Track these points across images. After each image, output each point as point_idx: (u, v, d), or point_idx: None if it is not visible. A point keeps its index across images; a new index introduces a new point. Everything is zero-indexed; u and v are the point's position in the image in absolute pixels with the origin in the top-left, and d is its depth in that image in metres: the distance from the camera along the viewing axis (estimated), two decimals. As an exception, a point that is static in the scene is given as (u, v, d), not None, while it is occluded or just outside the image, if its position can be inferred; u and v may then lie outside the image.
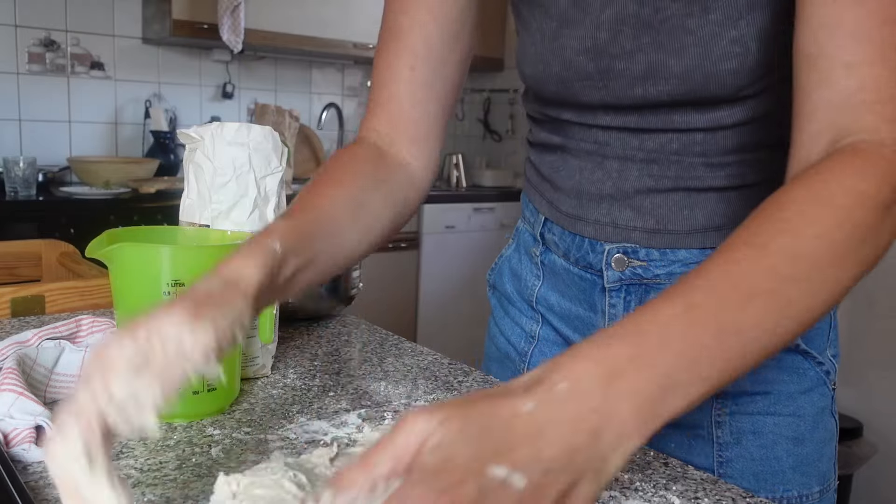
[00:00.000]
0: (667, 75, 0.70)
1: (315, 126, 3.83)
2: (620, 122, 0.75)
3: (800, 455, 0.79)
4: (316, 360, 0.91)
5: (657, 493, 0.60)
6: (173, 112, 3.44)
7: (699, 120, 0.72)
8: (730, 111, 0.71)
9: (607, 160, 0.78)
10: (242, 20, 3.13)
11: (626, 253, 0.78)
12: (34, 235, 2.53)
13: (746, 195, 0.75)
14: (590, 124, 0.78)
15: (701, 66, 0.67)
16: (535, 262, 0.89)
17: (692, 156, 0.74)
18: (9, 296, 1.01)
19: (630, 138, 0.76)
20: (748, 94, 0.70)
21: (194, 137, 0.78)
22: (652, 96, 0.72)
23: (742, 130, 0.72)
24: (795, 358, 0.79)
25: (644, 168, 0.76)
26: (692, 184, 0.75)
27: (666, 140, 0.74)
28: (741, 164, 0.73)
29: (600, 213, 0.79)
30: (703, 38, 0.66)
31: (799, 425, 0.79)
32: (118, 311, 0.70)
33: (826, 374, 0.80)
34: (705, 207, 0.75)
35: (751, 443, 0.78)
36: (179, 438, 0.67)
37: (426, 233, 3.49)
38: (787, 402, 0.78)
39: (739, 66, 0.67)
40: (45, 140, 3.14)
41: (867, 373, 2.76)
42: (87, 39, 3.20)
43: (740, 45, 0.66)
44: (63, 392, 0.74)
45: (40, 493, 0.56)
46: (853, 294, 1.99)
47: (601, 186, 0.79)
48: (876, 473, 2.70)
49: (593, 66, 0.73)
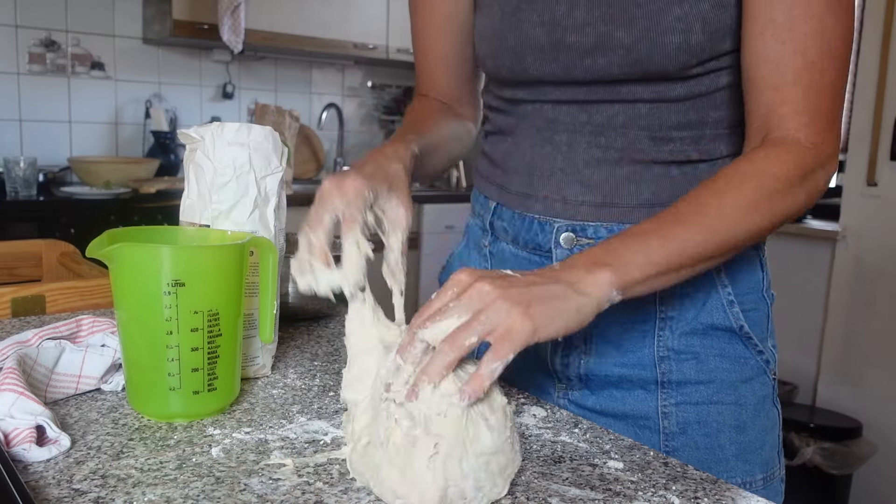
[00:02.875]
0: (614, 46, 0.77)
1: (315, 126, 3.83)
2: (569, 95, 0.82)
3: (742, 443, 0.83)
4: (316, 360, 0.91)
5: (657, 492, 0.61)
6: (173, 112, 3.44)
7: (644, 92, 0.79)
8: (673, 86, 0.78)
9: (557, 134, 0.84)
10: (243, 20, 3.13)
11: (575, 231, 0.83)
12: (34, 235, 2.53)
13: (689, 172, 0.81)
14: (541, 100, 0.85)
15: (647, 36, 0.75)
16: (484, 254, 0.93)
17: (637, 129, 0.80)
18: (9, 296, 1.02)
19: (578, 112, 0.82)
20: (691, 74, 0.77)
21: (194, 137, 0.78)
22: (600, 67, 0.78)
23: (684, 107, 0.79)
24: (737, 346, 0.83)
25: (592, 140, 0.82)
26: (638, 156, 0.81)
27: (613, 112, 0.81)
28: (683, 140, 0.80)
29: (550, 188, 0.84)
30: (651, 11, 0.75)
31: (741, 413, 0.83)
32: (118, 311, 0.70)
33: (766, 364, 0.84)
34: (651, 182, 0.81)
35: (696, 432, 0.82)
36: (179, 438, 0.67)
37: (426, 233, 3.49)
38: (729, 390, 0.82)
39: (683, 41, 0.75)
40: (46, 140, 3.15)
41: (867, 373, 2.76)
42: (88, 40, 3.20)
43: (684, 23, 0.74)
44: (63, 392, 0.74)
45: (40, 493, 0.56)
46: (853, 294, 2.01)
47: (552, 162, 0.85)
48: (876, 473, 2.70)
49: (546, 38, 0.80)
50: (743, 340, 0.83)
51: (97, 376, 0.76)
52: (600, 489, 0.61)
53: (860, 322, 2.77)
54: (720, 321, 0.82)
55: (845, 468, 2.61)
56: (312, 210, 0.70)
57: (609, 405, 0.85)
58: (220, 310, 0.69)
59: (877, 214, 2.73)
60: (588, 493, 0.60)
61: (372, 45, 3.64)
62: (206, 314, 0.68)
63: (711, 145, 0.81)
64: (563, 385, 0.87)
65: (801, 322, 2.91)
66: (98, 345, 0.79)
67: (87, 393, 0.76)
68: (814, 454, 2.58)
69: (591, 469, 0.64)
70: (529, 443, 0.69)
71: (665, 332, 0.82)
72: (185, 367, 0.68)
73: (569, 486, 0.61)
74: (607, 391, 0.85)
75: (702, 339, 0.82)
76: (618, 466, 0.65)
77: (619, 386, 0.84)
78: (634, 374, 0.83)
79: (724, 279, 0.82)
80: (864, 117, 2.77)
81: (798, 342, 2.92)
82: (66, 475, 0.59)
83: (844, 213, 2.83)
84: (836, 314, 2.84)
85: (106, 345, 0.79)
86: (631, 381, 0.83)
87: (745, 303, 0.83)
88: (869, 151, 2.72)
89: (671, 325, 0.82)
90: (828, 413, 2.78)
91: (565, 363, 0.86)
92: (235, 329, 0.72)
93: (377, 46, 3.66)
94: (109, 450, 0.64)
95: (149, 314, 0.67)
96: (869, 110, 2.74)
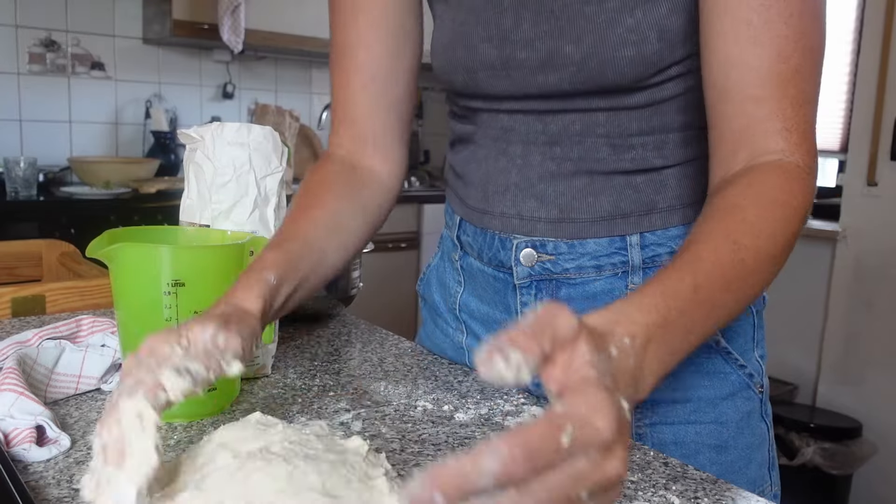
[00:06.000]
0: (565, 62, 0.71)
1: (315, 126, 3.83)
2: (524, 105, 0.77)
3: (724, 463, 0.78)
4: (316, 360, 0.91)
5: (657, 492, 0.60)
6: (174, 112, 3.44)
7: (601, 102, 0.73)
8: (631, 95, 0.72)
9: (511, 145, 0.79)
10: (243, 20, 3.13)
11: (535, 247, 0.79)
12: (34, 235, 2.53)
13: (654, 180, 0.75)
14: (496, 109, 0.79)
15: (597, 52, 0.69)
16: (456, 268, 0.89)
17: (595, 136, 0.75)
18: (9, 296, 1.02)
19: (534, 122, 0.77)
20: (650, 84, 0.71)
21: (195, 137, 0.78)
22: (552, 83, 0.73)
23: (644, 113, 0.73)
24: (716, 361, 0.78)
25: (547, 151, 0.77)
26: (596, 167, 0.76)
27: (569, 121, 0.75)
28: (645, 146, 0.75)
29: (505, 204, 0.80)
30: (599, 24, 0.69)
31: (721, 432, 0.78)
32: (118, 311, 0.70)
33: (749, 378, 0.79)
34: (611, 194, 0.76)
35: (673, 453, 0.76)
36: (179, 438, 0.67)
37: (426, 233, 3.49)
38: (707, 409, 0.78)
39: (636, 54, 0.69)
40: (46, 140, 3.14)
41: (867, 373, 2.76)
42: (88, 40, 3.20)
43: (637, 34, 0.68)
44: (63, 392, 0.74)
45: (40, 493, 0.56)
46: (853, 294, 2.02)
47: (507, 176, 0.80)
48: (875, 473, 2.70)
49: (496, 53, 0.75)
50: (722, 355, 0.78)
51: (97, 376, 0.76)
52: (600, 489, 0.60)
53: (860, 322, 2.77)
54: None
55: (845, 468, 2.61)
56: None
57: None
58: (220, 310, 0.69)
59: (877, 214, 2.73)
60: (588, 493, 0.60)
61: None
62: (206, 314, 0.68)
63: (677, 150, 0.75)
64: (539, 407, 0.85)
65: (801, 322, 2.91)
66: (98, 345, 0.79)
67: (87, 393, 0.76)
68: (814, 454, 2.58)
69: (591, 469, 0.64)
70: (529, 443, 0.69)
71: None
72: (185, 367, 0.68)
73: (569, 486, 0.61)
74: None
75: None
76: (618, 466, 0.65)
77: None
78: None
79: None
80: (864, 117, 2.77)
81: (798, 342, 2.92)
82: (66, 475, 0.59)
83: (844, 213, 2.83)
84: (836, 314, 2.84)
85: (106, 345, 0.79)
86: None
87: None
88: (869, 151, 2.72)
89: None
90: (828, 413, 2.78)
91: (536, 382, 0.82)
92: (235, 329, 0.72)
93: (377, 46, 3.65)
94: (109, 450, 0.64)
95: (149, 314, 0.67)
96: (869, 110, 2.75)
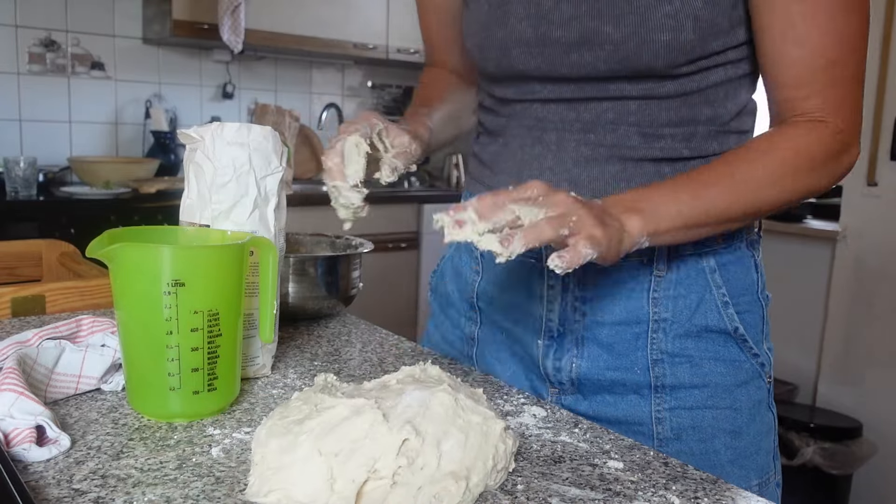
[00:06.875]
0: (602, 41, 0.76)
1: (315, 126, 3.83)
2: (557, 93, 0.82)
3: (737, 448, 0.82)
4: (316, 360, 0.91)
5: (657, 492, 0.61)
6: (173, 112, 3.44)
7: (632, 89, 0.78)
8: (662, 83, 0.77)
9: (546, 133, 0.84)
10: (243, 20, 3.13)
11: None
12: (34, 235, 2.53)
13: (681, 170, 0.80)
14: (530, 99, 0.84)
15: (636, 33, 0.74)
16: (475, 257, 0.93)
17: (627, 125, 0.80)
18: (9, 296, 1.01)
19: (567, 111, 0.82)
20: (681, 73, 0.77)
21: (194, 137, 0.78)
22: (587, 62, 0.78)
23: (675, 104, 0.78)
24: (732, 349, 0.82)
25: (581, 137, 0.82)
26: (628, 153, 0.80)
27: (602, 109, 0.81)
28: (674, 137, 0.80)
29: None
30: (639, 7, 0.74)
31: (736, 418, 0.82)
32: (118, 311, 0.70)
33: (761, 367, 0.84)
34: (641, 180, 0.80)
35: (690, 437, 0.81)
36: (179, 438, 0.67)
37: (426, 233, 3.49)
38: (723, 395, 0.81)
39: (673, 39, 0.74)
40: (46, 140, 3.14)
41: (867, 373, 2.76)
42: (88, 40, 3.20)
43: (674, 20, 0.74)
44: (63, 392, 0.74)
45: (40, 493, 0.56)
46: (853, 294, 2.01)
47: (542, 161, 0.84)
48: (876, 473, 2.70)
49: (532, 31, 0.80)
50: (738, 343, 0.82)
51: (97, 376, 0.76)
52: (600, 489, 0.61)
53: (860, 322, 2.77)
54: (714, 323, 0.81)
55: (845, 468, 2.61)
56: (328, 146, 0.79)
57: (602, 410, 0.84)
58: (220, 310, 0.69)
59: (877, 214, 2.73)
60: (588, 493, 0.60)
61: (372, 45, 3.64)
62: (206, 314, 0.68)
63: (703, 143, 0.80)
64: (555, 389, 0.87)
65: (801, 322, 2.91)
66: (98, 345, 0.79)
67: (87, 393, 0.76)
68: (814, 454, 2.58)
69: (591, 469, 0.64)
70: (529, 443, 0.69)
71: (658, 334, 0.81)
72: (185, 367, 0.68)
73: (569, 486, 0.61)
74: (600, 396, 0.84)
75: (696, 342, 0.81)
76: (618, 466, 0.65)
77: (612, 390, 0.83)
78: (627, 378, 0.82)
79: (717, 279, 0.81)
80: (863, 117, 2.77)
81: (798, 342, 2.92)
82: (66, 475, 0.59)
83: (844, 213, 2.83)
84: (836, 314, 2.84)
85: (106, 345, 0.79)
86: (624, 386, 0.82)
87: (740, 304, 0.82)
88: (869, 151, 2.72)
89: (665, 327, 0.81)
90: (828, 413, 2.78)
91: (557, 367, 0.85)
92: (235, 329, 0.72)
93: (377, 46, 3.65)
94: (109, 450, 0.64)
95: (149, 314, 0.67)
96: (869, 110, 2.74)
